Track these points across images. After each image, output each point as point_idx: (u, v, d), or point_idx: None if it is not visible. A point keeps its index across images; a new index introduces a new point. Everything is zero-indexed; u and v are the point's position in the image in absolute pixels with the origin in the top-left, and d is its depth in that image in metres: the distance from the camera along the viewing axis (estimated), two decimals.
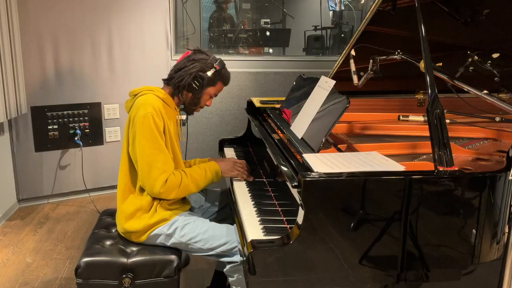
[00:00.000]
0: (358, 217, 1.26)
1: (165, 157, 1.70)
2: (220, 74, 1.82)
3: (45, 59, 3.26)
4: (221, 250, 1.69)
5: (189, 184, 1.74)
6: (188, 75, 1.78)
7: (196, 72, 1.78)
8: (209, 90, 1.84)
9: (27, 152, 3.32)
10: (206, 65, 1.79)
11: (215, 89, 1.85)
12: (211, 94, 1.86)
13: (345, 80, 1.96)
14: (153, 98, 1.73)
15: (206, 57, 1.81)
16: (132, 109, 1.73)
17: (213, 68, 1.79)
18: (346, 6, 5.42)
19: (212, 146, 3.78)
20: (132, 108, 1.74)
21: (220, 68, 1.81)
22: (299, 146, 1.59)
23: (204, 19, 5.02)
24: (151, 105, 1.69)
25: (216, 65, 1.80)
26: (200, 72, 1.78)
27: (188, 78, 1.78)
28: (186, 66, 1.79)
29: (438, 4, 1.93)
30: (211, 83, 1.82)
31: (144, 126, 1.66)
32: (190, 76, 1.78)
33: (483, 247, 1.32)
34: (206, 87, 1.82)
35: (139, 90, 1.79)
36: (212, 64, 1.80)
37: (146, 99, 1.72)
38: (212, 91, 1.85)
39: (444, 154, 1.31)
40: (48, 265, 2.56)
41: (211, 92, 1.85)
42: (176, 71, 1.81)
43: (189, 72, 1.78)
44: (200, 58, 1.80)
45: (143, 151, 1.67)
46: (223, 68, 1.84)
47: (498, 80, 1.99)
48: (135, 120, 1.69)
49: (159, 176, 1.67)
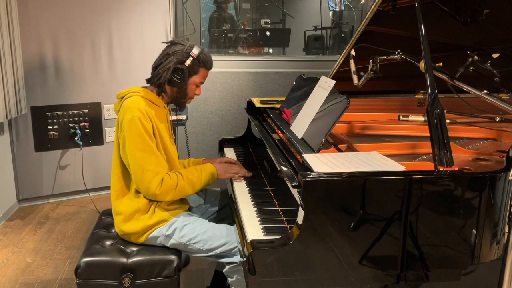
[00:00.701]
0: (358, 217, 1.26)
1: (157, 159, 1.68)
2: (199, 60, 1.76)
3: (45, 59, 3.25)
4: (220, 250, 1.69)
5: (185, 186, 1.72)
6: (165, 71, 1.73)
7: (173, 65, 1.72)
8: (193, 79, 1.78)
9: (27, 152, 3.32)
10: (182, 56, 1.73)
11: (200, 77, 1.80)
12: (196, 83, 1.80)
13: (345, 80, 1.96)
14: (139, 100, 1.70)
15: (181, 47, 1.74)
16: (120, 113, 1.71)
17: (190, 57, 1.73)
18: (346, 6, 5.42)
19: (212, 146, 3.78)
20: (120, 111, 1.71)
21: (198, 55, 1.74)
22: (299, 146, 1.58)
23: (204, 19, 5.02)
24: (137, 107, 1.66)
25: (193, 52, 1.73)
26: (178, 64, 1.73)
27: (167, 74, 1.73)
28: (162, 62, 1.74)
29: (438, 4, 1.93)
30: (193, 72, 1.77)
31: (132, 129, 1.64)
32: (169, 72, 1.72)
33: (483, 247, 1.32)
34: (189, 78, 1.77)
35: (125, 92, 1.75)
36: (188, 53, 1.73)
37: (132, 101, 1.68)
38: (197, 79, 1.79)
39: (444, 154, 1.31)
40: (48, 265, 2.56)
41: (196, 81, 1.79)
42: (154, 70, 1.78)
43: (166, 68, 1.73)
44: (175, 51, 1.74)
45: (134, 155, 1.65)
46: (201, 53, 1.76)
47: (498, 80, 1.99)
48: (123, 125, 1.66)
49: (152, 179, 1.65)
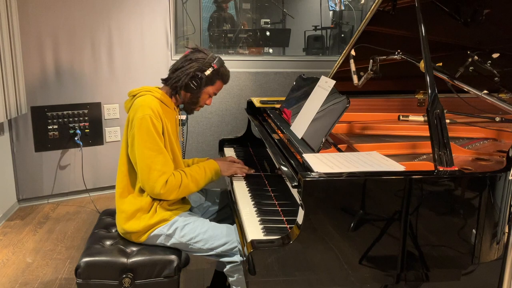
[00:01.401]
0: (358, 217, 1.26)
1: (164, 159, 1.69)
2: (218, 73, 1.80)
3: (45, 59, 3.25)
4: (221, 250, 1.69)
5: (189, 183, 1.74)
6: (185, 76, 1.75)
7: (193, 72, 1.75)
8: (208, 89, 1.81)
9: (27, 152, 3.32)
10: (204, 65, 1.76)
11: (214, 88, 1.83)
12: (210, 93, 1.83)
13: (345, 80, 1.96)
14: (151, 99, 1.72)
15: (204, 56, 1.78)
16: (131, 110, 1.73)
17: (211, 67, 1.76)
18: (346, 6, 5.42)
19: (212, 146, 3.78)
20: (131, 109, 1.73)
21: (218, 67, 1.78)
22: (299, 146, 1.59)
23: (204, 19, 5.02)
24: (149, 106, 1.68)
25: (214, 64, 1.77)
26: (198, 71, 1.75)
27: (185, 79, 1.75)
28: (184, 66, 1.77)
29: (438, 4, 1.93)
30: (210, 82, 1.80)
31: (143, 128, 1.66)
32: (188, 76, 1.75)
33: (483, 247, 1.32)
34: (204, 87, 1.79)
35: (137, 90, 1.78)
36: (210, 63, 1.76)
37: (144, 100, 1.71)
38: (211, 90, 1.82)
39: (444, 154, 1.31)
40: (48, 265, 2.56)
41: (210, 91, 1.83)
42: (173, 71, 1.79)
43: (186, 72, 1.75)
44: (198, 58, 1.77)
45: (142, 153, 1.67)
46: (221, 66, 1.80)
47: (498, 80, 1.99)
48: (133, 122, 1.68)
49: (158, 178, 1.66)
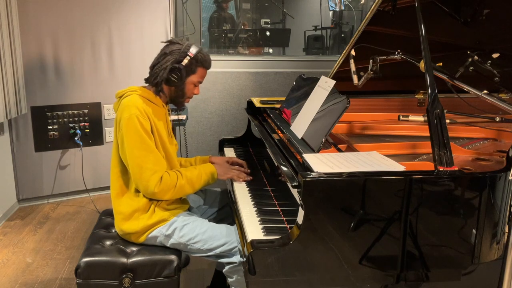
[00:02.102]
0: (358, 217, 1.26)
1: (155, 157, 1.68)
2: (197, 60, 1.76)
3: (45, 59, 3.25)
4: (220, 250, 1.69)
5: (185, 185, 1.72)
6: (162, 71, 1.73)
7: (170, 65, 1.72)
8: (191, 78, 1.78)
9: (27, 152, 3.32)
10: (180, 55, 1.73)
11: (197, 76, 1.79)
12: (194, 82, 1.80)
13: (345, 80, 1.96)
14: (137, 98, 1.70)
15: (179, 46, 1.74)
16: (118, 111, 1.72)
17: (187, 56, 1.73)
18: (346, 6, 5.42)
19: (212, 146, 3.78)
20: (118, 110, 1.72)
21: (195, 54, 1.74)
22: (299, 146, 1.58)
23: (204, 19, 5.02)
24: (135, 106, 1.66)
25: (190, 52, 1.73)
26: (175, 64, 1.72)
27: (164, 74, 1.73)
28: (159, 61, 1.75)
29: (438, 4, 1.93)
30: (190, 72, 1.77)
31: (130, 128, 1.65)
32: (166, 71, 1.72)
33: (483, 247, 1.32)
34: (186, 77, 1.76)
35: (124, 91, 1.76)
36: (186, 53, 1.73)
37: (129, 100, 1.69)
38: (195, 78, 1.79)
39: (444, 154, 1.31)
40: (48, 265, 2.56)
41: (194, 80, 1.79)
42: (151, 69, 1.78)
43: (163, 67, 1.73)
44: (173, 50, 1.74)
45: (132, 153, 1.66)
46: (199, 53, 1.76)
47: (498, 80, 1.99)
48: (121, 123, 1.67)
49: (150, 177, 1.65)
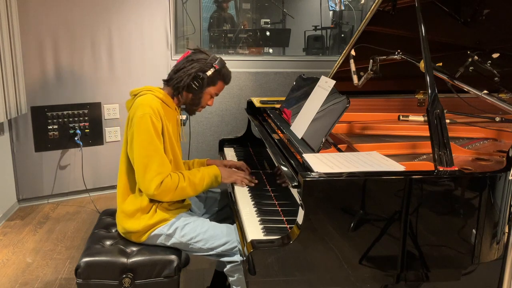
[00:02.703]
0: (358, 217, 1.26)
1: (161, 159, 1.68)
2: (220, 73, 1.80)
3: (45, 59, 3.25)
4: (221, 249, 1.69)
5: (186, 187, 1.72)
6: (187, 76, 1.76)
7: (195, 72, 1.76)
8: (210, 90, 1.82)
9: (27, 152, 3.32)
10: (205, 65, 1.77)
11: (216, 89, 1.84)
12: (211, 93, 1.84)
13: (345, 80, 1.96)
14: (152, 98, 1.72)
15: (206, 56, 1.79)
16: (131, 109, 1.73)
17: (212, 68, 1.77)
18: (346, 6, 5.42)
19: (212, 146, 3.78)
20: (131, 108, 1.74)
21: (220, 68, 1.79)
22: (299, 146, 1.59)
23: (204, 19, 5.02)
24: (149, 105, 1.68)
25: (216, 64, 1.78)
26: (200, 72, 1.76)
27: (187, 79, 1.76)
28: (185, 66, 1.77)
29: (438, 4, 1.93)
30: (211, 83, 1.81)
31: (142, 126, 1.66)
32: (189, 77, 1.76)
33: (483, 247, 1.32)
34: (206, 87, 1.80)
35: (139, 90, 1.78)
36: (212, 64, 1.77)
37: (145, 99, 1.71)
38: (213, 90, 1.83)
39: (444, 154, 1.31)
40: (48, 265, 2.56)
41: (212, 92, 1.83)
42: (175, 72, 1.80)
43: (188, 73, 1.76)
44: (200, 58, 1.78)
45: (140, 152, 1.67)
46: (223, 67, 1.81)
47: (498, 80, 1.99)
48: (133, 121, 1.68)
49: (153, 178, 1.65)
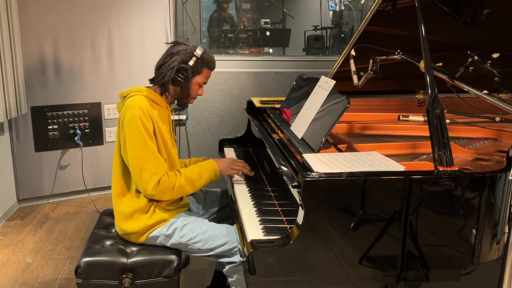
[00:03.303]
0: (358, 217, 1.26)
1: (155, 159, 1.68)
2: (203, 60, 1.77)
3: (45, 59, 3.25)
4: (220, 250, 1.69)
5: (185, 185, 1.72)
6: (170, 70, 1.74)
7: (177, 65, 1.74)
8: (196, 79, 1.80)
9: (27, 152, 3.32)
10: (186, 56, 1.74)
11: (202, 77, 1.81)
12: (199, 83, 1.81)
13: (345, 80, 1.96)
14: (141, 99, 1.71)
15: (185, 47, 1.76)
16: (121, 111, 1.72)
17: (194, 57, 1.75)
18: (346, 6, 5.42)
19: (212, 146, 3.78)
20: (121, 110, 1.73)
21: (201, 55, 1.76)
22: (299, 146, 1.58)
23: (204, 19, 5.02)
24: (139, 106, 1.67)
25: (196, 52, 1.75)
26: (182, 64, 1.74)
27: (171, 73, 1.74)
28: (166, 61, 1.76)
29: (438, 4, 1.93)
30: (196, 72, 1.78)
31: (133, 128, 1.65)
32: (172, 71, 1.74)
33: (483, 247, 1.32)
34: (192, 77, 1.78)
35: (128, 91, 1.77)
36: (192, 53, 1.75)
37: (133, 100, 1.70)
38: (200, 79, 1.81)
39: (444, 154, 1.31)
40: (48, 265, 2.56)
41: (199, 81, 1.81)
42: (158, 69, 1.78)
43: (170, 67, 1.74)
44: (179, 50, 1.75)
45: (134, 154, 1.66)
46: (204, 53, 1.78)
47: (498, 80, 1.99)
48: (124, 123, 1.68)
49: (150, 178, 1.65)
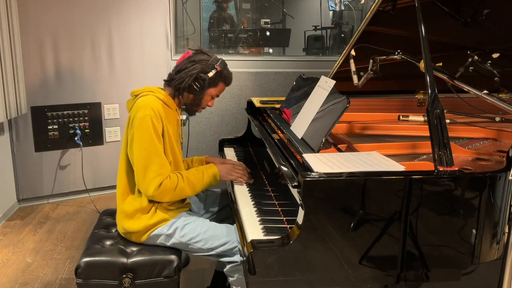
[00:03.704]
0: (358, 217, 1.26)
1: (161, 161, 1.68)
2: (221, 75, 1.80)
3: (45, 59, 3.25)
4: (221, 250, 1.69)
5: (185, 187, 1.72)
6: (188, 77, 1.76)
7: (196, 73, 1.76)
8: (211, 91, 1.82)
9: (27, 152, 3.32)
10: (207, 66, 1.77)
11: (217, 90, 1.84)
12: (212, 95, 1.84)
13: (345, 80, 1.96)
14: (153, 99, 1.72)
15: (207, 57, 1.79)
16: (132, 110, 1.73)
17: (214, 69, 1.77)
18: (346, 6, 5.42)
19: (212, 146, 3.78)
20: (132, 109, 1.74)
21: (221, 69, 1.79)
22: (299, 146, 1.59)
23: (204, 19, 5.02)
24: (151, 107, 1.68)
25: (217, 65, 1.78)
26: (201, 73, 1.76)
27: (189, 80, 1.76)
28: (187, 67, 1.77)
29: (438, 4, 1.93)
30: (212, 84, 1.81)
31: (142, 128, 1.66)
32: (191, 78, 1.76)
33: (483, 247, 1.32)
34: (207, 88, 1.80)
35: (140, 90, 1.78)
36: (213, 65, 1.78)
37: (146, 100, 1.71)
38: (214, 91, 1.83)
39: (444, 154, 1.31)
40: (48, 265, 2.56)
41: (213, 93, 1.83)
42: (177, 73, 1.79)
43: (190, 74, 1.76)
44: (201, 59, 1.78)
45: (140, 153, 1.67)
46: (224, 68, 1.81)
47: (498, 80, 1.99)
48: (134, 121, 1.68)
49: (153, 179, 1.66)
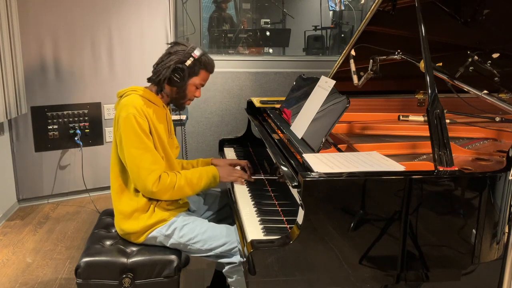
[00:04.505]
0: (358, 217, 1.26)
1: (152, 157, 1.68)
2: (200, 62, 1.76)
3: (45, 59, 3.25)
4: (220, 250, 1.69)
5: (185, 186, 1.72)
6: (165, 69, 1.73)
7: (173, 64, 1.73)
8: (193, 80, 1.78)
9: (27, 152, 3.32)
10: (183, 56, 1.73)
11: (200, 79, 1.80)
12: (196, 84, 1.80)
13: (345, 80, 1.96)
14: (136, 98, 1.71)
15: (184, 47, 1.75)
16: (117, 111, 1.73)
17: (191, 57, 1.74)
18: (346, 6, 5.42)
19: (212, 146, 3.78)
20: (117, 109, 1.73)
21: (199, 56, 1.75)
22: (299, 146, 1.58)
23: (204, 19, 5.02)
24: (133, 105, 1.67)
25: (194, 53, 1.74)
26: (178, 64, 1.73)
27: (166, 72, 1.73)
28: (163, 60, 1.76)
29: (438, 4, 1.93)
30: (193, 73, 1.77)
31: (127, 127, 1.65)
32: (168, 70, 1.73)
33: (483, 247, 1.32)
34: (188, 78, 1.77)
35: (124, 91, 1.77)
36: (190, 54, 1.74)
37: (128, 99, 1.70)
38: (197, 81, 1.80)
39: (444, 154, 1.31)
40: (48, 265, 2.56)
41: (196, 82, 1.80)
42: (155, 67, 1.78)
43: (166, 66, 1.73)
44: (177, 50, 1.75)
45: (130, 153, 1.66)
46: (202, 55, 1.77)
47: (498, 80, 1.99)
48: (119, 122, 1.68)
49: (148, 176, 1.65)
